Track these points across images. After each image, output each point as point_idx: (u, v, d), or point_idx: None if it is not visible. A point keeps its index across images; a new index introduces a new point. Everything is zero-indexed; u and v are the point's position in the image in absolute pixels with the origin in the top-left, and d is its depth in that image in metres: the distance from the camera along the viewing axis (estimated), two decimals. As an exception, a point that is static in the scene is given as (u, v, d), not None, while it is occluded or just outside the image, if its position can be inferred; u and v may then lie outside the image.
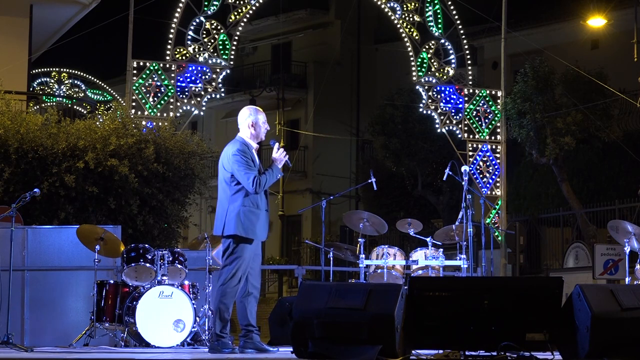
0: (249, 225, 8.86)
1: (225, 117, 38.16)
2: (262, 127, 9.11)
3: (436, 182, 28.42)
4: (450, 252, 14.19)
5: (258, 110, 9.25)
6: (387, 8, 21.58)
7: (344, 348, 7.36)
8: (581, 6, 26.32)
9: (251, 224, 8.87)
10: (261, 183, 8.85)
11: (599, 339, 7.18)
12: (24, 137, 15.10)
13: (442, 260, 13.38)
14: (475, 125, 21.97)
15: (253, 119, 9.12)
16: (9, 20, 19.72)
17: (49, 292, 13.06)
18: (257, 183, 8.81)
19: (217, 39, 19.69)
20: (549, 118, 22.22)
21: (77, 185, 14.96)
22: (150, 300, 11.40)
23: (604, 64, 24.05)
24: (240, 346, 9.01)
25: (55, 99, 24.31)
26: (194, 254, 13.17)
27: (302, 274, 20.36)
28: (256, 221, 8.91)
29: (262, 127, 9.11)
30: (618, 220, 13.84)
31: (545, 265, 24.99)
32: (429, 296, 7.52)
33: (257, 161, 9.01)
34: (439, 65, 21.84)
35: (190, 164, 16.29)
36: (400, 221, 14.26)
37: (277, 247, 35.77)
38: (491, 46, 30.23)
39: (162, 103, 19.16)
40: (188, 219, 17.27)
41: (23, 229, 13.18)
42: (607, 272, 20.10)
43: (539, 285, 7.77)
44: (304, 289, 7.84)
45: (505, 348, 7.27)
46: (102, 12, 21.27)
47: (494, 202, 21.72)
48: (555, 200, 25.51)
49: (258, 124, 9.09)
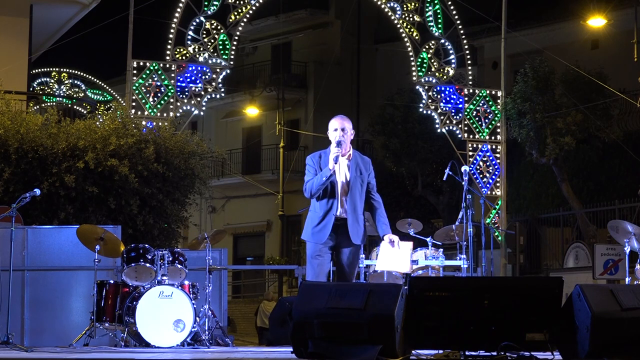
0: (307, 228, 8.91)
1: (225, 117, 38.17)
2: (331, 134, 9.00)
3: (436, 182, 28.42)
4: (450, 252, 14.20)
5: (334, 119, 9.05)
6: (387, 8, 21.58)
7: (344, 348, 7.36)
8: (581, 6, 26.33)
9: (307, 226, 8.90)
10: (307, 188, 8.85)
11: (599, 339, 7.17)
12: (24, 137, 15.10)
13: (442, 260, 13.39)
14: (475, 125, 21.97)
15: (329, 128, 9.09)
16: (9, 20, 19.72)
17: (49, 292, 13.07)
18: (306, 188, 8.86)
19: (217, 39, 19.69)
20: (549, 118, 22.22)
21: (77, 185, 14.95)
22: (150, 300, 11.40)
23: (604, 64, 24.06)
24: None
25: (55, 99, 24.32)
26: (194, 254, 13.19)
27: (302, 274, 20.33)
28: (312, 224, 8.87)
29: (331, 135, 8.99)
30: (618, 220, 13.84)
31: (545, 265, 25.00)
32: (429, 296, 7.51)
33: (331, 167, 8.78)
34: (439, 65, 21.84)
35: (190, 164, 16.29)
36: (400, 221, 14.27)
37: (277, 247, 35.78)
38: (491, 46, 30.23)
39: (162, 103, 19.16)
40: (188, 219, 17.27)
41: (23, 229, 13.19)
42: (607, 272, 20.11)
43: (539, 285, 7.76)
44: (304, 289, 7.83)
45: (505, 348, 7.27)
46: (102, 12, 21.29)
47: (494, 202, 21.72)
48: (555, 200, 25.52)
49: (330, 132, 9.03)
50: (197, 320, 11.62)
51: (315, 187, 8.79)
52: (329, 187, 8.84)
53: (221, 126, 38.25)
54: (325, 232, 8.77)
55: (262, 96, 36.10)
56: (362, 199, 8.98)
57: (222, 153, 19.62)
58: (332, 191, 8.85)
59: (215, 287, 13.80)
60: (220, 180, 35.02)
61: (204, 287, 12.16)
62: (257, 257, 36.88)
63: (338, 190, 8.86)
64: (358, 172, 8.95)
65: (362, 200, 8.97)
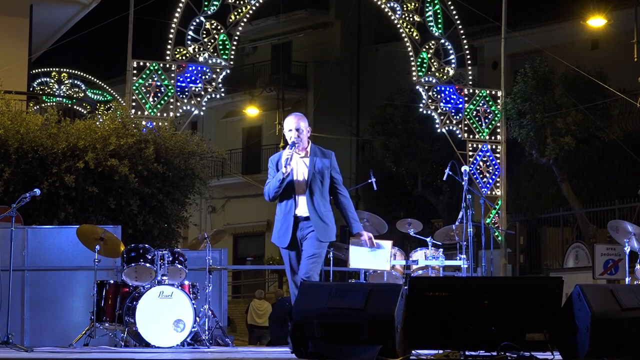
0: (273, 232, 8.87)
1: (225, 117, 38.17)
2: (286, 135, 8.79)
3: (436, 182, 28.42)
4: (450, 252, 14.19)
5: (289, 118, 8.83)
6: (387, 8, 21.58)
7: (344, 348, 7.36)
8: (581, 6, 26.32)
9: (274, 230, 8.87)
10: (265, 192, 8.75)
11: (599, 339, 7.17)
12: (24, 137, 15.10)
13: (442, 260, 13.38)
14: (475, 125, 21.97)
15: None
16: (9, 20, 19.72)
17: (49, 292, 13.07)
18: (264, 192, 8.75)
19: (217, 39, 19.69)
20: (549, 118, 22.23)
21: (77, 185, 14.95)
22: (150, 300, 11.40)
23: (604, 64, 24.05)
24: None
25: (55, 99, 24.33)
26: (194, 254, 13.19)
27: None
28: (276, 228, 8.82)
29: (286, 135, 8.78)
30: (618, 220, 13.84)
31: (545, 265, 25.01)
32: (429, 296, 7.51)
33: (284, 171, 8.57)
34: (439, 65, 21.84)
35: (190, 164, 16.29)
36: (400, 221, 14.26)
37: (277, 247, 35.72)
38: (491, 46, 30.23)
39: (162, 103, 19.16)
40: (188, 219, 17.27)
41: (23, 229, 13.19)
42: (607, 272, 20.11)
43: (539, 285, 7.76)
44: (304, 289, 7.83)
45: (505, 348, 7.27)
46: (102, 12, 21.28)
47: (494, 202, 21.72)
48: (555, 200, 25.52)
49: (285, 132, 8.82)
50: (197, 320, 11.62)
51: (272, 192, 8.65)
52: (288, 188, 8.64)
53: (221, 126, 38.25)
54: (288, 234, 8.66)
55: (262, 96, 36.10)
56: (325, 195, 8.69)
57: (222, 153, 19.64)
58: (290, 192, 8.65)
59: (215, 287, 13.80)
60: (220, 180, 35.03)
61: (204, 287, 12.16)
62: (257, 257, 36.88)
63: (296, 190, 8.64)
64: (317, 169, 8.67)
65: (324, 197, 8.67)
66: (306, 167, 8.68)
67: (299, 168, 8.69)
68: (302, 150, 8.71)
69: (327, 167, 8.71)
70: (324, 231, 8.62)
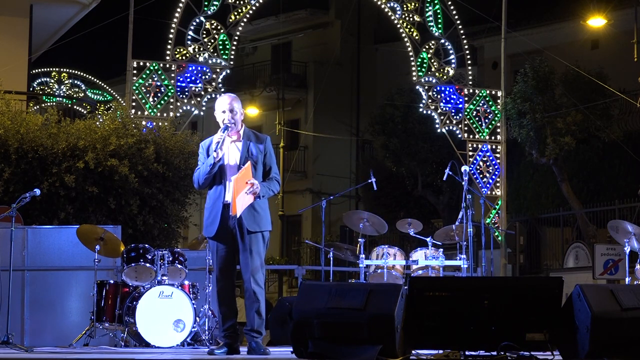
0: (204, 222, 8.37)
1: (225, 117, 38.13)
2: (218, 116, 8.32)
3: (436, 182, 28.41)
4: (450, 252, 14.20)
5: (221, 98, 8.39)
6: (387, 8, 21.58)
7: (344, 348, 7.36)
8: (581, 6, 26.33)
9: (204, 220, 8.37)
10: (194, 178, 8.34)
11: (599, 339, 7.18)
12: (24, 137, 15.10)
13: (442, 260, 13.39)
14: (475, 125, 21.97)
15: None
16: (9, 20, 19.72)
17: (49, 292, 13.06)
18: (194, 179, 8.37)
19: (217, 39, 19.69)
20: (549, 118, 22.22)
21: (77, 185, 14.96)
22: (150, 300, 11.40)
23: (604, 64, 24.06)
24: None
25: (55, 99, 24.32)
26: (194, 254, 13.18)
27: (302, 274, 20.36)
28: (205, 217, 8.33)
29: (219, 117, 8.32)
30: (618, 220, 13.84)
31: (545, 265, 25.00)
32: (429, 296, 7.52)
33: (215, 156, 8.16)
34: (439, 65, 21.84)
35: (190, 164, 16.28)
36: (400, 221, 14.26)
37: (277, 247, 35.76)
38: (491, 46, 30.23)
39: (162, 103, 19.16)
40: (188, 219, 17.28)
41: (23, 229, 13.19)
42: (607, 272, 20.11)
43: (539, 285, 7.76)
44: (304, 289, 7.83)
45: (505, 348, 7.27)
46: (102, 12, 21.28)
47: (494, 202, 21.72)
48: (555, 200, 25.52)
49: (218, 114, 8.36)
50: (197, 320, 11.62)
51: (202, 178, 8.22)
52: (218, 173, 8.23)
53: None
54: (215, 223, 8.16)
55: (262, 96, 36.10)
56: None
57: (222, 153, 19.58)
58: (221, 177, 8.23)
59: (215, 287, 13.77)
60: (220, 180, 34.98)
61: (204, 287, 12.14)
62: (257, 257, 36.81)
63: (227, 176, 8.20)
64: (250, 154, 8.26)
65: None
66: (238, 152, 8.28)
67: (230, 152, 8.28)
68: (235, 133, 8.30)
69: (261, 152, 8.30)
70: (252, 220, 8.19)
